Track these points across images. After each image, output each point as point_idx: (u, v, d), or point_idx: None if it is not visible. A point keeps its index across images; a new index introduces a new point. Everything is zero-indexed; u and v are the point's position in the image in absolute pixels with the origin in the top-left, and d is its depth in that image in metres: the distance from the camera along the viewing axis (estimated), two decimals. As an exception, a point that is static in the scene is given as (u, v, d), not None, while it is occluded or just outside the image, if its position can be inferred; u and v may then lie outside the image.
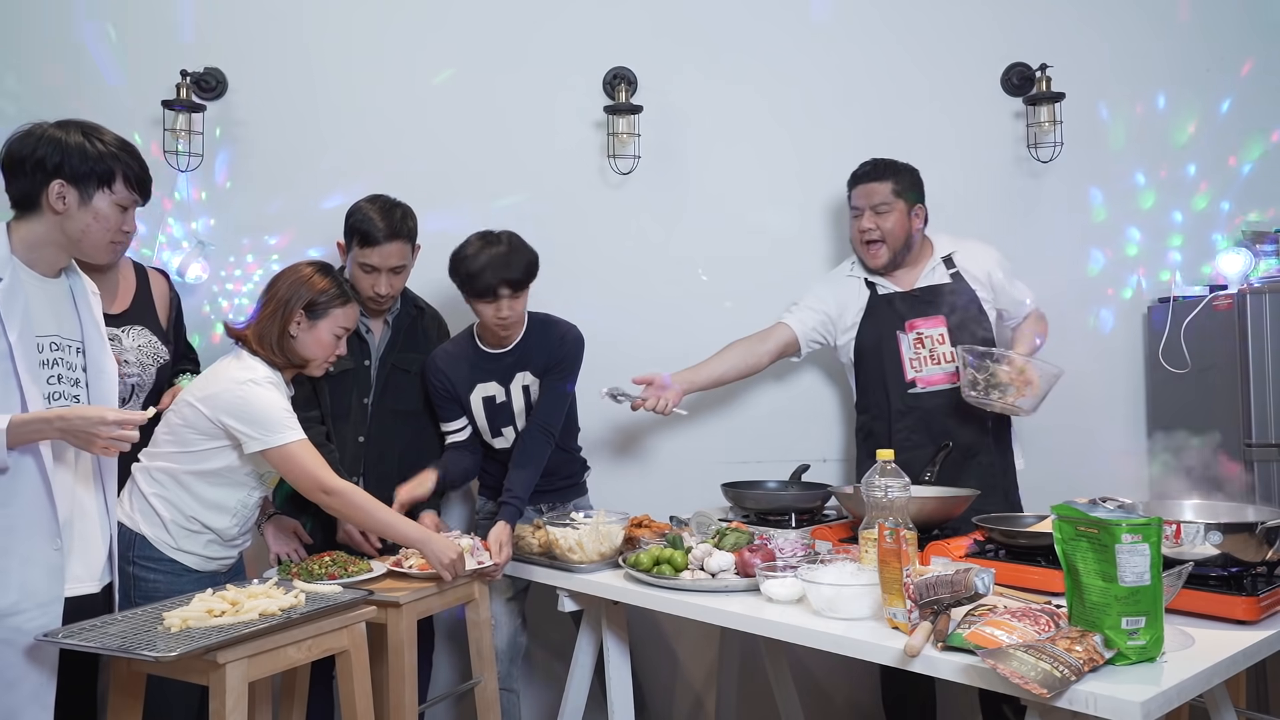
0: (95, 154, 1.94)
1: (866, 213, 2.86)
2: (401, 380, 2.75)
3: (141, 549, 2.16)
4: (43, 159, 1.90)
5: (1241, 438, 2.93)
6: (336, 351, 2.37)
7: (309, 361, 2.33)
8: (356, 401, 2.70)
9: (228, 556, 2.29)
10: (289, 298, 2.29)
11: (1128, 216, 3.32)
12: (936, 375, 2.81)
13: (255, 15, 3.14)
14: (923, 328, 2.83)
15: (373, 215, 2.61)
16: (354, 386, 2.70)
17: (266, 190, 3.13)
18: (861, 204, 2.88)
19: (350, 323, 2.37)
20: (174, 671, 1.80)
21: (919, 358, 2.82)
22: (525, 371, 2.71)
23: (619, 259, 3.22)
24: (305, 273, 2.33)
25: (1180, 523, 1.81)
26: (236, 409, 2.15)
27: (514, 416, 2.74)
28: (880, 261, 2.87)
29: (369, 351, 2.73)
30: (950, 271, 2.87)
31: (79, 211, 1.94)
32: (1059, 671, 1.45)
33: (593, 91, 3.23)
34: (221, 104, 3.12)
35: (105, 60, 3.09)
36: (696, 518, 2.65)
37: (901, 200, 2.84)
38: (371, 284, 2.63)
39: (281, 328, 2.27)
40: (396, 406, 2.74)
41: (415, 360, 2.77)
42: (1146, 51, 3.33)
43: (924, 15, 3.30)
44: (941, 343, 2.81)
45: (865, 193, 2.87)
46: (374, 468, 2.70)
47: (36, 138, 1.92)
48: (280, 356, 2.28)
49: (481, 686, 2.54)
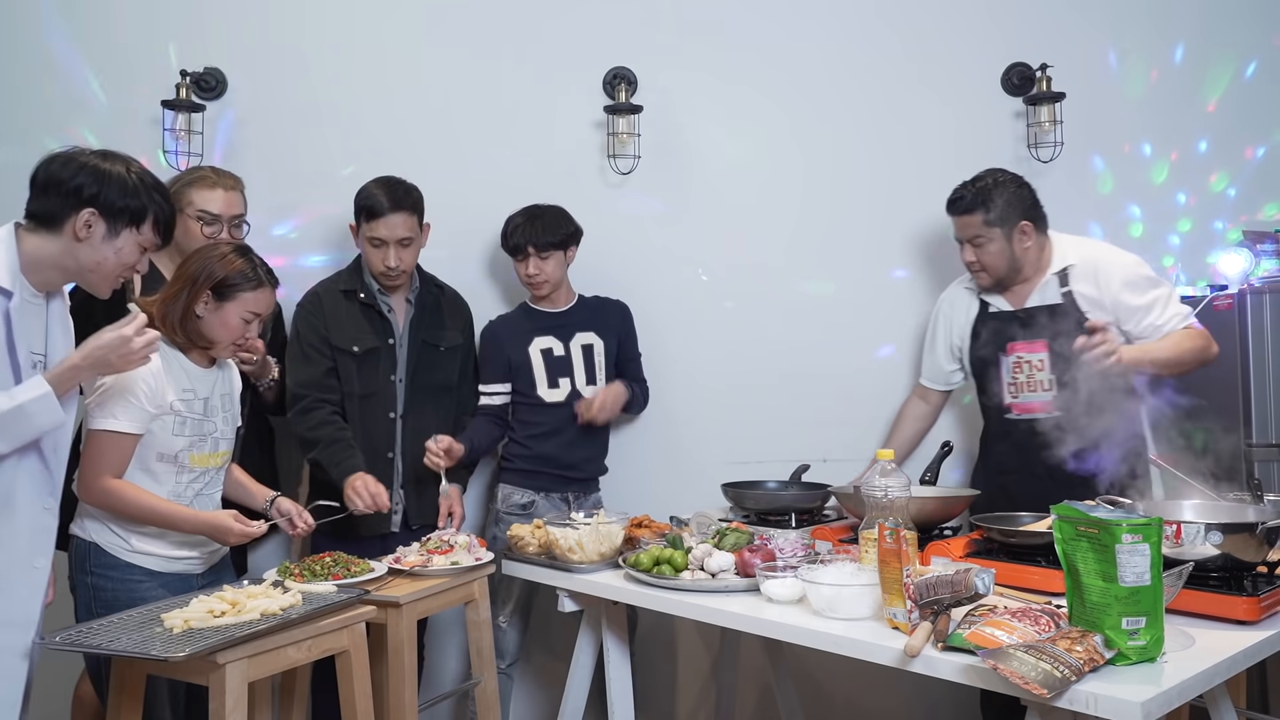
0: (133, 191, 1.92)
1: (966, 245, 2.75)
2: (433, 356, 2.84)
3: (97, 558, 2.10)
4: (80, 187, 1.88)
5: (1241, 438, 2.93)
6: (246, 335, 2.25)
7: (214, 344, 2.21)
8: (384, 379, 2.76)
9: (191, 556, 2.21)
10: (197, 275, 2.16)
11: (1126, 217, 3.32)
12: (1034, 402, 2.67)
13: (255, 15, 3.14)
14: (1023, 352, 2.69)
15: (376, 190, 2.74)
16: (380, 365, 2.76)
17: (266, 190, 3.13)
18: (959, 236, 2.78)
19: (262, 308, 2.23)
20: (177, 672, 1.80)
21: (1017, 383, 2.71)
22: (589, 332, 2.98)
23: (619, 259, 3.22)
24: (220, 251, 2.21)
25: (1180, 523, 1.81)
26: (100, 379, 2.05)
27: (572, 370, 2.94)
28: (987, 284, 2.77)
29: (392, 330, 2.79)
30: (1063, 290, 2.67)
31: (101, 244, 1.91)
32: (1059, 672, 1.45)
33: (593, 91, 3.23)
34: (221, 104, 3.12)
35: (104, 59, 3.09)
36: (696, 518, 2.65)
37: (997, 229, 2.68)
38: (381, 258, 2.71)
39: (186, 306, 2.15)
40: (431, 382, 2.83)
41: (445, 336, 2.87)
42: (1147, 51, 3.33)
43: (924, 15, 3.30)
44: (1040, 369, 2.66)
45: (960, 225, 2.76)
46: (412, 444, 2.76)
47: (79, 165, 1.89)
48: (180, 336, 2.17)
49: (481, 687, 2.55)
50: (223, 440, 2.27)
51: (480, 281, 3.19)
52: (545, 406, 2.93)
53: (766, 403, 3.25)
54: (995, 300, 2.79)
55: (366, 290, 2.79)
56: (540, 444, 2.92)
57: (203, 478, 2.22)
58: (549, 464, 2.92)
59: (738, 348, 3.26)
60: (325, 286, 2.81)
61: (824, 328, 3.25)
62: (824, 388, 3.25)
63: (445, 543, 2.48)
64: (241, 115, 3.14)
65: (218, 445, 2.25)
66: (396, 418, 2.78)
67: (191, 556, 2.22)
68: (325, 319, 2.74)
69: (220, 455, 2.26)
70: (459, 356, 2.92)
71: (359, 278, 2.81)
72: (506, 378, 2.94)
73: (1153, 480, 2.64)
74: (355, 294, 2.78)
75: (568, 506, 2.93)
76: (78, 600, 2.14)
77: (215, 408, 2.24)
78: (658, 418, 3.17)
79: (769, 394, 3.25)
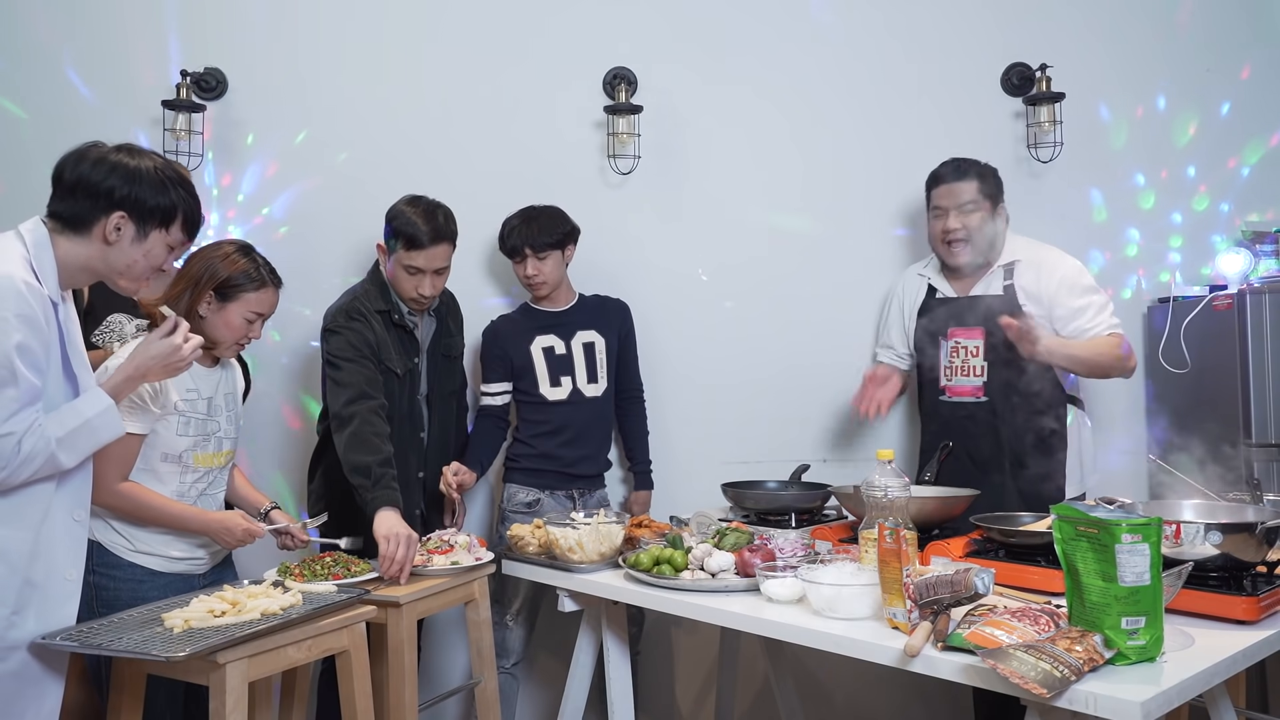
0: (161, 188, 1.85)
1: (952, 213, 2.79)
2: (445, 366, 2.85)
3: (100, 557, 2.09)
4: (112, 190, 1.80)
5: (1241, 438, 2.93)
6: (250, 335, 2.22)
7: (217, 344, 2.20)
8: (414, 399, 2.74)
9: (194, 557, 2.20)
10: (200, 276, 2.15)
11: (1128, 217, 3.33)
12: (965, 387, 2.79)
13: (255, 15, 3.14)
14: (961, 337, 2.81)
15: (417, 220, 2.61)
16: (412, 385, 2.73)
17: (266, 190, 3.14)
18: (946, 204, 2.81)
19: (265, 308, 2.22)
20: (177, 672, 1.80)
21: (952, 366, 2.81)
22: (590, 330, 2.99)
23: (619, 259, 3.22)
24: (223, 250, 2.19)
25: (1180, 523, 1.81)
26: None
27: (574, 368, 2.95)
28: (963, 259, 2.80)
29: (419, 348, 2.76)
30: (1005, 284, 2.78)
31: (130, 246, 1.85)
32: (1059, 671, 1.45)
33: (593, 91, 3.23)
34: (221, 104, 3.12)
35: (105, 59, 3.09)
36: (696, 518, 2.65)
37: (987, 202, 2.79)
38: (415, 285, 2.64)
39: (189, 307, 2.13)
40: (444, 392, 2.83)
41: (454, 344, 2.88)
42: (1147, 52, 3.33)
43: (924, 15, 3.30)
44: (975, 355, 2.77)
45: (950, 193, 2.81)
46: (434, 461, 2.76)
47: (110, 166, 1.81)
48: None
49: (481, 687, 2.55)
50: (226, 440, 2.27)
51: (480, 281, 3.19)
52: (548, 405, 2.94)
53: (766, 402, 3.25)
54: (942, 286, 2.89)
55: (398, 310, 2.68)
56: (544, 442, 2.93)
57: (206, 477, 2.22)
58: (553, 462, 2.93)
59: (738, 347, 3.26)
60: (366, 307, 2.64)
61: (824, 328, 3.25)
62: (824, 387, 3.25)
63: (445, 543, 2.48)
64: (241, 115, 3.14)
65: (221, 445, 2.25)
66: (425, 436, 2.77)
67: (194, 557, 2.21)
68: (376, 338, 2.61)
69: (224, 455, 2.26)
70: (462, 360, 2.94)
71: (387, 297, 2.68)
72: (508, 377, 2.95)
73: (1068, 480, 2.74)
74: (390, 314, 2.67)
75: (573, 504, 2.94)
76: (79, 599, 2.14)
77: (219, 407, 2.24)
78: (658, 417, 3.17)
79: (769, 393, 3.25)
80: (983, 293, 2.81)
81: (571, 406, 2.93)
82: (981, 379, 2.75)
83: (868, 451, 3.16)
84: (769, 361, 3.25)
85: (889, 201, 3.26)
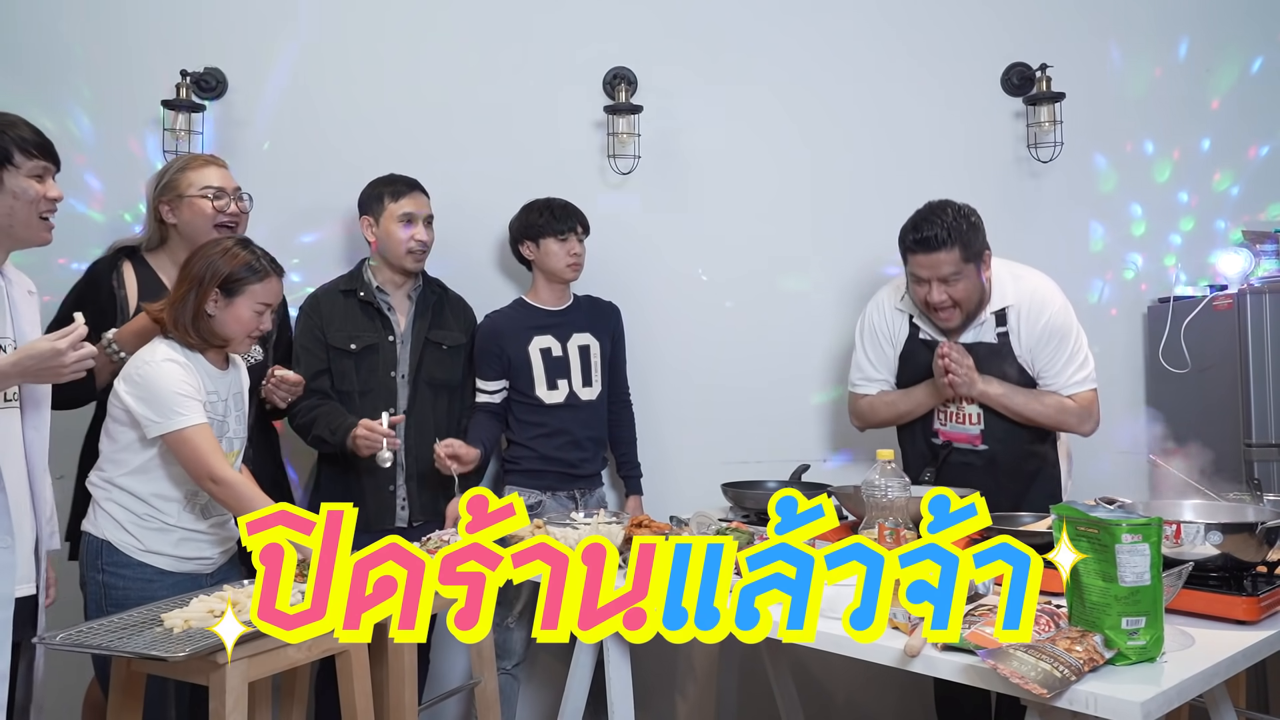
0: None
1: (934, 284, 2.49)
2: (436, 354, 2.85)
3: (109, 555, 2.10)
4: None
5: (1241, 438, 2.93)
6: (260, 326, 2.22)
7: (229, 341, 2.20)
8: (384, 376, 2.78)
9: (204, 557, 2.21)
10: (203, 275, 2.14)
11: (1127, 216, 3.32)
12: (960, 434, 2.64)
13: (255, 15, 3.15)
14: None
15: (392, 177, 2.83)
16: (380, 361, 2.77)
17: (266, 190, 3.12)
18: (926, 274, 2.49)
19: (271, 298, 2.22)
20: (176, 672, 1.80)
21: (945, 414, 2.66)
22: (585, 333, 2.97)
23: (619, 259, 3.22)
24: (222, 246, 2.19)
25: (1180, 523, 1.81)
26: (137, 392, 2.08)
27: (570, 372, 2.93)
28: (954, 324, 2.56)
29: (392, 327, 2.80)
30: (999, 330, 2.57)
31: None
32: (1059, 671, 1.45)
33: (592, 91, 3.23)
34: (221, 104, 3.12)
35: (104, 59, 3.09)
36: (696, 518, 2.65)
37: (971, 265, 2.48)
38: (412, 234, 2.77)
39: (196, 307, 2.13)
40: (433, 381, 2.84)
41: (448, 335, 2.87)
42: (1150, 49, 3.33)
43: (925, 15, 3.30)
44: (970, 402, 2.59)
45: (929, 264, 2.47)
46: (415, 441, 2.78)
47: None
48: (195, 338, 2.15)
49: (481, 687, 2.54)
50: (236, 439, 2.28)
51: (479, 281, 3.18)
52: (545, 408, 2.93)
53: (767, 402, 3.25)
54: (928, 328, 2.64)
55: (366, 289, 2.81)
56: (543, 445, 2.92)
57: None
58: (554, 464, 2.93)
59: (738, 347, 3.26)
60: (324, 289, 2.85)
61: (824, 328, 3.25)
62: (824, 388, 3.26)
63: (445, 543, 2.48)
64: (241, 115, 3.14)
65: (232, 445, 2.27)
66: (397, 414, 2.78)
67: (203, 557, 2.22)
68: (322, 320, 2.77)
69: (234, 455, 2.28)
70: (462, 356, 2.93)
71: (359, 278, 2.84)
72: (504, 374, 2.93)
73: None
74: (354, 293, 2.81)
75: (574, 504, 2.94)
76: (87, 597, 2.15)
77: (230, 408, 2.25)
78: (657, 417, 3.17)
79: (769, 393, 3.25)
80: (974, 340, 2.59)
81: (569, 410, 2.93)
82: (979, 426, 2.60)
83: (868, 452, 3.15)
84: (769, 361, 3.25)
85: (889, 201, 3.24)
